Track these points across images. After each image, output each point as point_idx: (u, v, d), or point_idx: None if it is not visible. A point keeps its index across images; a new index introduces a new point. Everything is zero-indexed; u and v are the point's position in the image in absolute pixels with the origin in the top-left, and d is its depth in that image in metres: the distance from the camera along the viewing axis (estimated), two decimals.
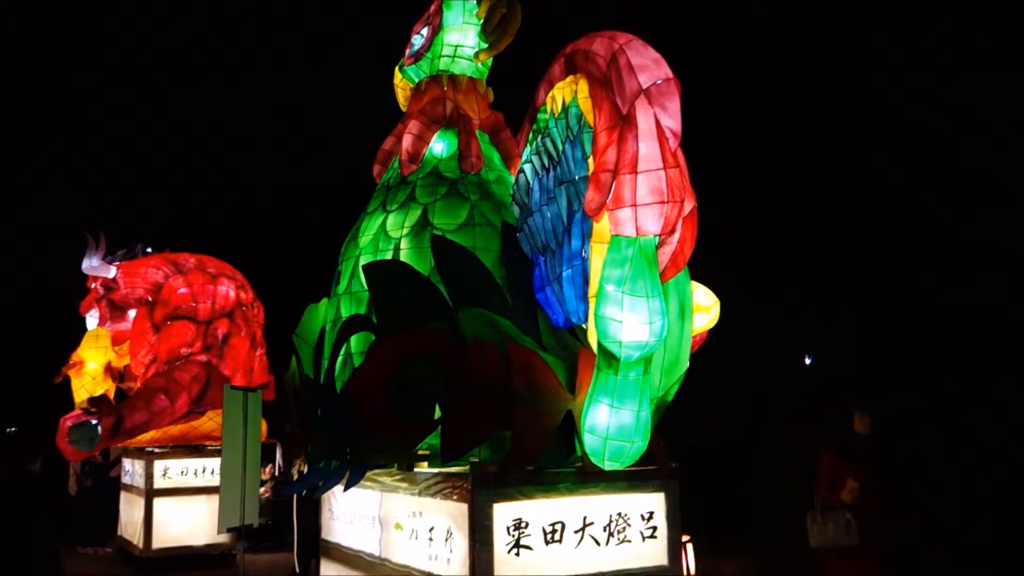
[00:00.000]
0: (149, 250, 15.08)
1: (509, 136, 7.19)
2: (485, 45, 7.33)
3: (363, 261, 6.68)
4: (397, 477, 6.34)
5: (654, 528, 6.08)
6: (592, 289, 5.77)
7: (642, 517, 6.06)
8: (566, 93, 6.16)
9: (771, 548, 11.19)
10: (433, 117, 7.14)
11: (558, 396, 5.86)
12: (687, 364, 6.06)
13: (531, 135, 6.61)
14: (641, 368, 5.54)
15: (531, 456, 5.73)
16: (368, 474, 6.48)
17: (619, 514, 5.97)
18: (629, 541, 5.98)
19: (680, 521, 6.18)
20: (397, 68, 7.96)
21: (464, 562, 5.51)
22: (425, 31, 7.56)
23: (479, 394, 5.82)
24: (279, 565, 12.49)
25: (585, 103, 5.89)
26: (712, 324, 7.03)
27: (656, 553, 6.05)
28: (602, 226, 5.69)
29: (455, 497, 5.67)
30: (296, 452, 9.84)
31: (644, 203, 5.31)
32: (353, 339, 6.65)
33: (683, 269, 5.81)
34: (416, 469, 6.19)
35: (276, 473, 13.25)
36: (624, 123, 5.38)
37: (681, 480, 6.22)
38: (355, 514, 7.08)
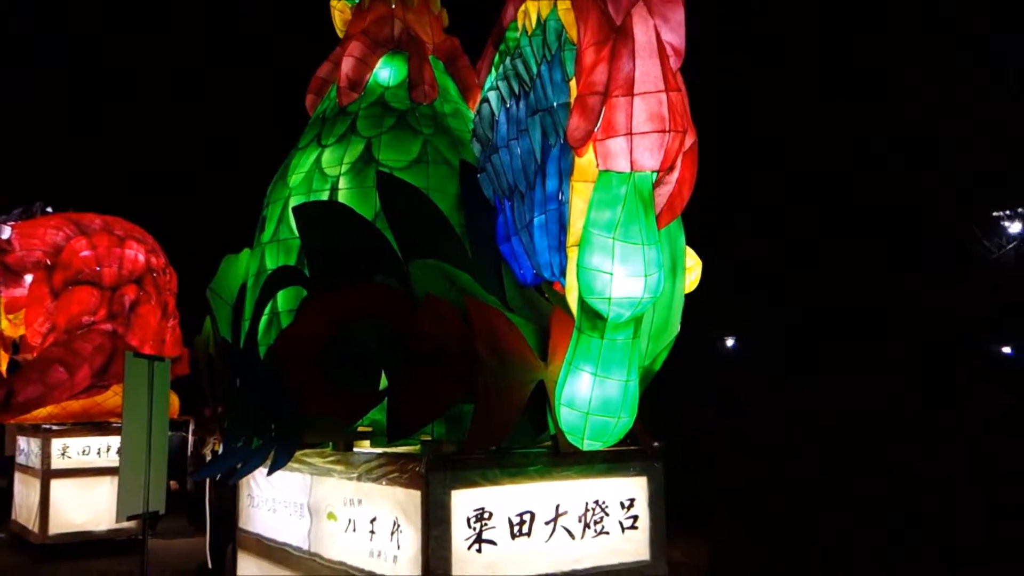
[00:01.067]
0: (49, 209, 13.66)
1: (467, 64, 6.21)
2: None
3: (293, 203, 5.63)
4: (331, 458, 5.34)
5: (635, 518, 5.22)
6: (572, 238, 4.85)
7: (622, 505, 5.19)
8: (542, 6, 5.20)
9: (722, 531, 10.67)
10: (378, 39, 6.11)
11: (528, 364, 4.95)
12: (678, 328, 5.19)
13: (496, 58, 5.62)
14: (631, 331, 4.65)
15: (496, 434, 4.80)
16: (296, 455, 5.46)
17: (596, 502, 5.09)
18: (607, 533, 5.10)
19: (664, 510, 5.33)
20: None
21: (415, 560, 4.56)
22: None
23: (434, 361, 4.86)
24: (191, 553, 11.35)
25: (567, 15, 4.95)
26: (693, 287, 6.18)
27: (637, 547, 5.20)
28: (586, 161, 4.77)
29: (404, 482, 4.70)
30: (210, 428, 8.70)
31: (641, 131, 4.41)
32: (280, 295, 5.61)
33: (678, 217, 4.92)
34: (356, 449, 5.20)
35: (191, 453, 12.07)
36: (618, 36, 4.47)
37: (665, 463, 5.37)
38: (279, 501, 6.05)
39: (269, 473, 5.22)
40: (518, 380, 4.89)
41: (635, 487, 5.25)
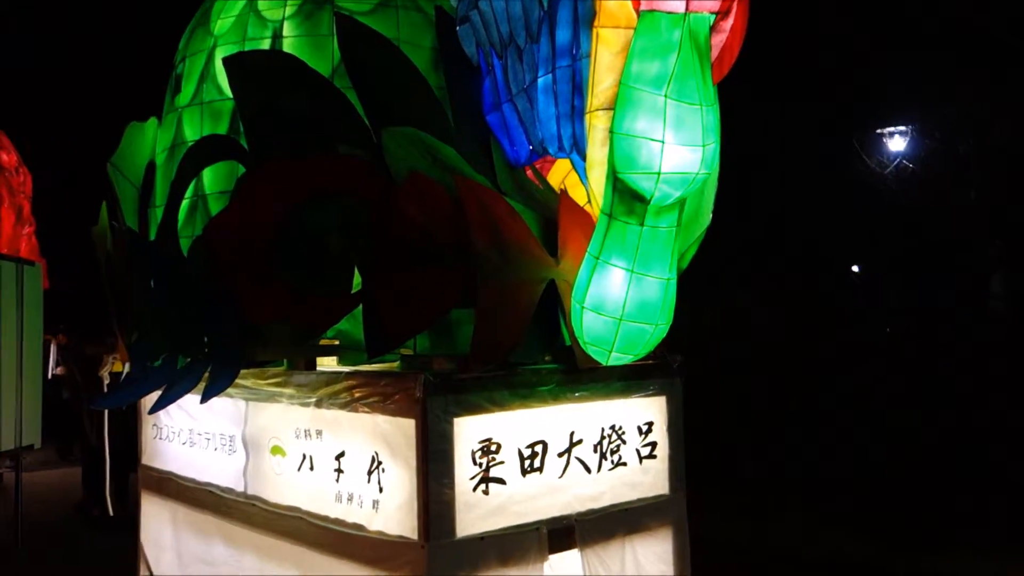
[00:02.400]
0: None
1: None
2: None
3: (222, 55, 4.35)
4: (276, 379, 4.24)
5: (653, 445, 4.38)
6: (596, 100, 3.85)
7: (639, 430, 4.33)
8: None
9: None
10: None
11: (536, 259, 3.96)
12: (710, 218, 4.29)
13: None
14: (675, 216, 3.74)
15: (504, 346, 3.82)
16: None
17: (612, 427, 4.21)
18: (624, 464, 4.25)
19: (683, 436, 4.51)
20: None
21: (407, 506, 3.58)
22: None
23: (422, 254, 3.81)
24: (62, 488, 9.98)
25: None
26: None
27: (655, 478, 4.37)
28: (616, 3, 3.73)
29: (390, 409, 3.67)
30: (107, 344, 7.26)
31: None
32: (207, 174, 4.38)
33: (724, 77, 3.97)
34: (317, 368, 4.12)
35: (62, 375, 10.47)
36: None
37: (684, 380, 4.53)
38: (198, 432, 4.91)
39: (203, 400, 4.06)
40: (525, 278, 3.91)
41: (653, 409, 4.40)
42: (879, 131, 23.44)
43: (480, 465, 3.70)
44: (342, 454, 3.95)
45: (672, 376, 4.44)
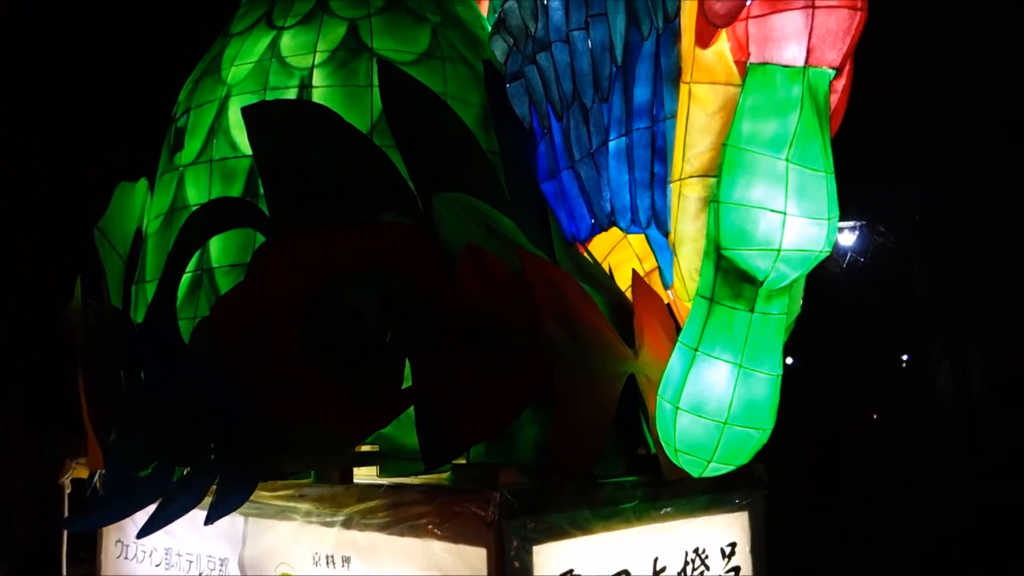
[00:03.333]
0: None
1: None
2: None
3: (237, 105, 3.73)
4: (287, 491, 3.49)
5: (736, 570, 3.72)
6: (682, 167, 3.33)
7: (722, 553, 3.68)
8: None
9: None
10: None
11: (615, 350, 3.36)
12: (799, 306, 3.75)
13: None
14: (786, 300, 3.18)
15: (588, 454, 3.17)
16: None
17: (696, 551, 3.55)
18: None
19: (765, 557, 3.86)
20: None
21: None
22: None
23: (486, 340, 3.17)
24: None
25: None
26: None
27: None
28: (715, 55, 3.26)
29: (449, 534, 2.96)
30: (71, 447, 6.19)
31: (826, 4, 2.95)
32: (215, 243, 3.70)
33: None
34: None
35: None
36: None
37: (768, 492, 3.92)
38: (178, 552, 4.10)
39: (208, 521, 3.27)
40: (604, 372, 3.30)
41: (736, 527, 3.75)
42: None
43: None
44: None
45: (757, 488, 3.82)
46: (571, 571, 3.05)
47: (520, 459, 3.26)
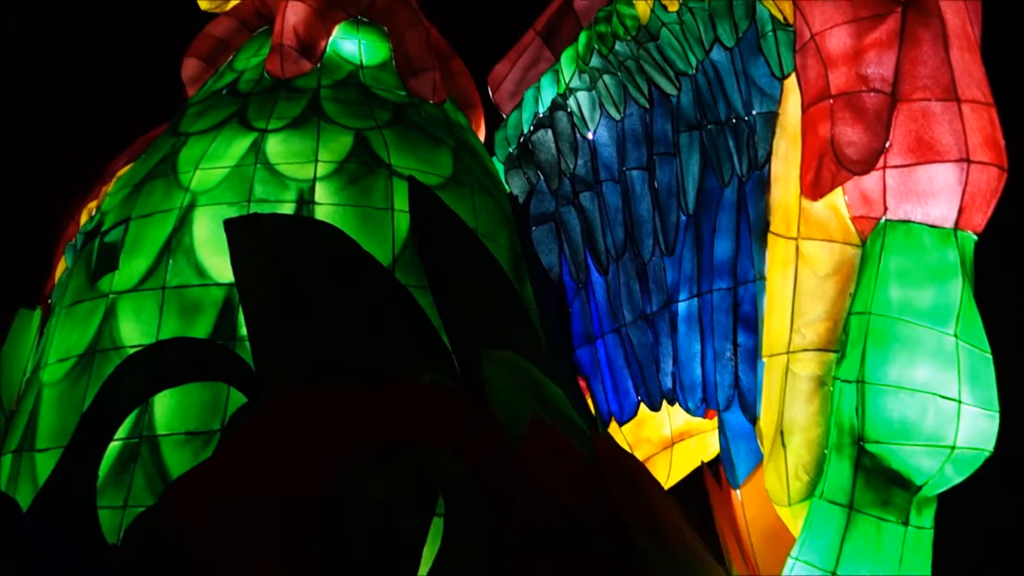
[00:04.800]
0: None
1: (463, 69, 3.90)
2: None
3: (208, 218, 2.83)
4: None
5: None
6: (799, 338, 2.75)
7: None
8: None
9: None
10: None
11: (699, 556, 2.64)
12: None
13: (581, 45, 3.47)
14: (934, 511, 2.61)
15: None
16: None
17: None
18: None
19: None
20: None
21: None
22: None
23: (563, 544, 2.34)
24: None
25: None
26: None
27: None
28: (825, 211, 2.80)
29: None
30: None
31: (980, 160, 2.59)
32: (161, 402, 2.65)
33: None
34: None
35: None
36: (911, 10, 2.75)
37: None
38: None
39: None
40: None
41: None
42: None
43: None
44: None
45: None
46: None
47: None
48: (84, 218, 5.29)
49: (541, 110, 3.49)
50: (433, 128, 3.35)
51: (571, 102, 3.40)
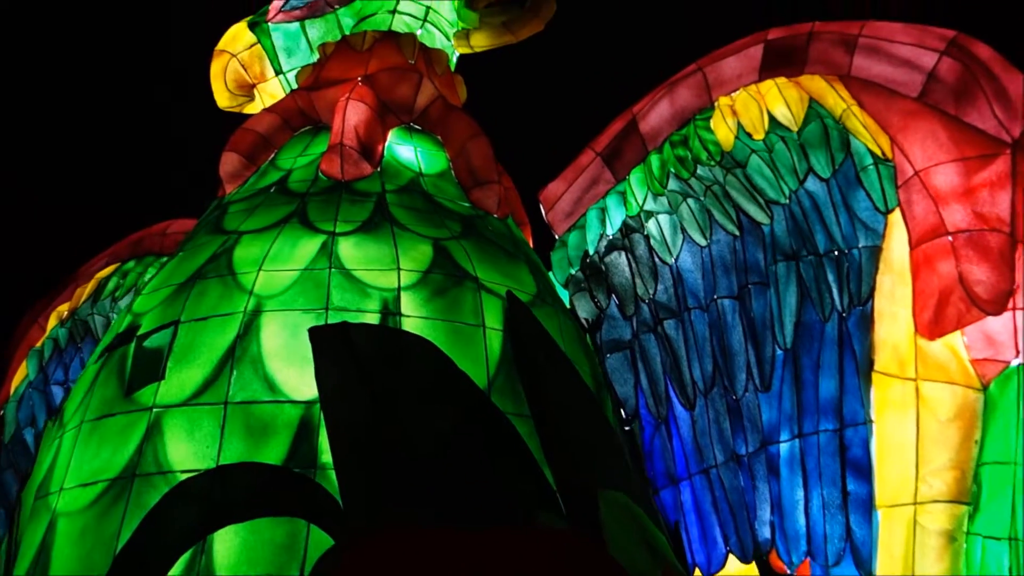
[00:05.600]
0: None
1: (512, 185, 3.72)
2: (470, 23, 4.09)
3: (280, 323, 2.50)
4: None
5: None
6: (925, 488, 2.55)
7: None
8: (792, 99, 3.16)
9: None
10: (393, 99, 3.46)
11: None
12: None
13: (656, 164, 3.32)
14: None
15: None
16: None
17: None
18: None
19: None
20: (244, 27, 4.18)
21: None
22: None
23: None
24: None
25: (865, 118, 3.00)
26: None
27: None
28: (944, 352, 2.70)
29: None
30: None
31: None
32: (222, 541, 2.23)
33: None
34: None
35: None
36: (1021, 149, 2.67)
37: None
38: None
39: None
40: None
41: None
42: None
43: None
44: None
45: None
46: None
47: None
48: (52, 322, 4.83)
49: (610, 231, 3.30)
50: (502, 241, 3.11)
51: (650, 225, 3.22)
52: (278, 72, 4.18)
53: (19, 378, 4.61)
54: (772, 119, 3.20)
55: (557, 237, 3.55)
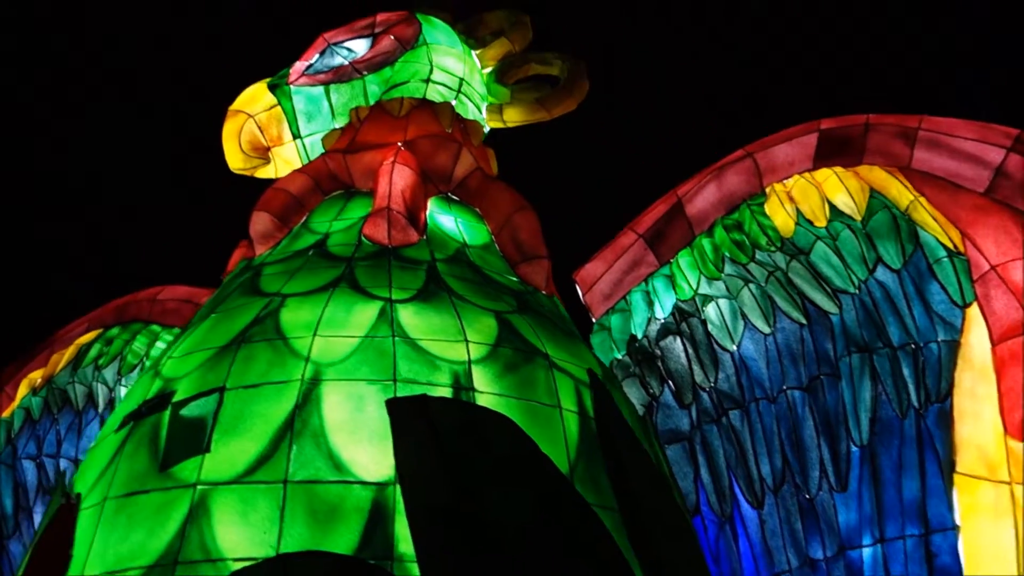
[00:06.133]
0: None
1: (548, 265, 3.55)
2: (501, 98, 4.01)
3: (343, 394, 2.24)
4: None
5: None
6: None
7: None
8: (853, 188, 3.10)
9: None
10: (434, 168, 3.30)
11: None
12: None
13: (700, 256, 3.20)
14: None
15: None
16: None
17: None
18: None
19: None
20: (264, 87, 4.01)
21: None
22: (360, 43, 3.97)
23: None
24: None
25: (933, 211, 2.95)
26: None
27: None
28: None
29: None
30: None
31: None
32: None
33: None
34: None
35: None
36: None
37: None
38: None
39: None
40: None
41: None
42: None
43: None
44: None
45: None
46: None
47: None
48: (23, 390, 4.41)
49: (660, 315, 3.14)
50: (556, 320, 2.93)
51: (708, 309, 3.07)
52: (296, 136, 4.01)
53: None
54: (833, 207, 3.13)
55: (595, 320, 3.38)
